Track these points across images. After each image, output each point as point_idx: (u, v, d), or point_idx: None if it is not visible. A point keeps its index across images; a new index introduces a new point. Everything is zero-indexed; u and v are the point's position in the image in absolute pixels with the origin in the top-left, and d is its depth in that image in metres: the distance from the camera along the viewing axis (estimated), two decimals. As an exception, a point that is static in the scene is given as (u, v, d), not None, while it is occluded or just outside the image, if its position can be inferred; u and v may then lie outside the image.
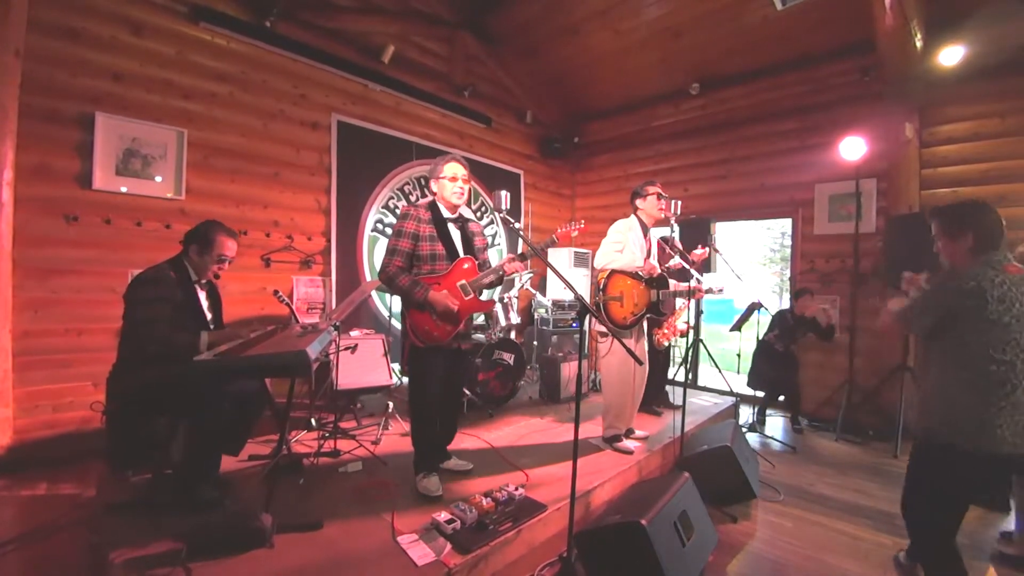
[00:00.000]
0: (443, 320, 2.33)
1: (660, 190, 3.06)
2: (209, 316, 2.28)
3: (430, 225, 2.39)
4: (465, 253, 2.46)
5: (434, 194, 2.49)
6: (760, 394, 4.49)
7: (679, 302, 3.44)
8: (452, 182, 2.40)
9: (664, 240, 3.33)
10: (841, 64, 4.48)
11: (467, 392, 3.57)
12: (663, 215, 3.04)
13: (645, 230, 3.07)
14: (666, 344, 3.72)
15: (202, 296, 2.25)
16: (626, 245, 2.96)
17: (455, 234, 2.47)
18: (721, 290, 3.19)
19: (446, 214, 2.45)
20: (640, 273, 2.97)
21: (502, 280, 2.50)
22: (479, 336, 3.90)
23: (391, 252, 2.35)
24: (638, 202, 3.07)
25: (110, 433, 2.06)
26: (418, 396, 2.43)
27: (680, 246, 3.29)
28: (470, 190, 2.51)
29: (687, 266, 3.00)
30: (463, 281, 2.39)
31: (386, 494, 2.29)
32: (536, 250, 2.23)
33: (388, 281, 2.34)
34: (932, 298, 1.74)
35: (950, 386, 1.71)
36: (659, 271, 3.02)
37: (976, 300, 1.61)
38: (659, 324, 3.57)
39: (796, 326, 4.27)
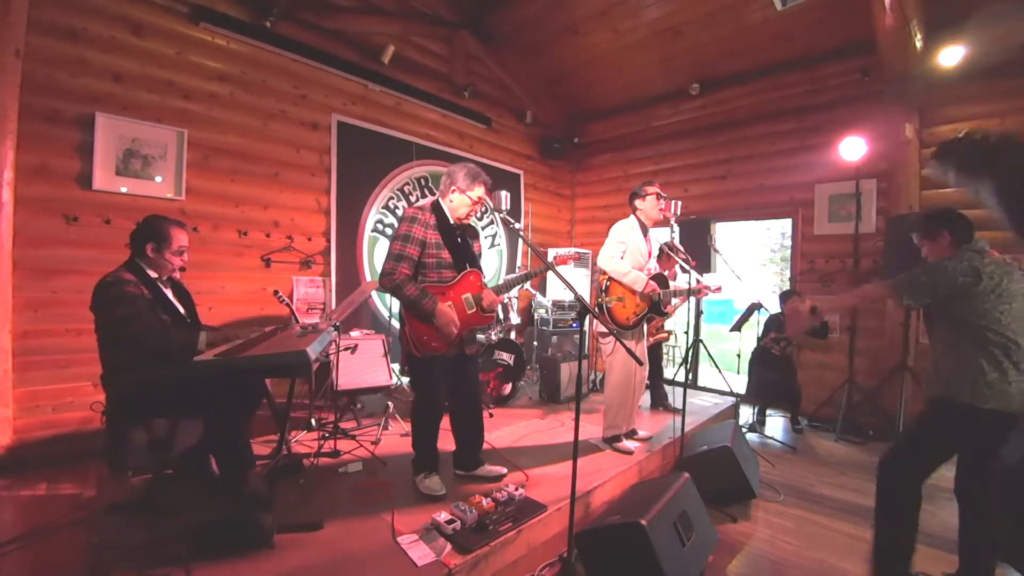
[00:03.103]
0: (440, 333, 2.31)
1: (659, 190, 3.05)
2: (182, 311, 2.22)
3: (435, 231, 2.31)
4: (469, 263, 2.41)
5: (443, 197, 2.40)
6: (760, 401, 4.48)
7: (674, 301, 3.44)
8: (475, 204, 2.36)
9: (668, 246, 3.32)
10: (841, 64, 4.48)
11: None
12: (663, 215, 3.04)
13: (645, 231, 3.07)
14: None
15: (169, 294, 2.19)
16: (628, 245, 2.96)
17: (459, 241, 2.40)
18: (719, 289, 3.19)
19: (451, 220, 2.39)
20: (642, 291, 2.91)
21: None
22: (479, 337, 3.90)
23: (398, 257, 2.22)
24: (637, 202, 3.07)
25: (110, 434, 2.05)
26: (418, 403, 2.42)
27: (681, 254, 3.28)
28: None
29: (688, 269, 3.00)
30: (468, 294, 2.35)
31: (386, 494, 2.29)
32: (537, 252, 2.24)
33: (393, 289, 2.22)
34: (932, 274, 1.91)
35: (959, 351, 1.88)
36: (659, 293, 2.99)
37: (971, 276, 1.82)
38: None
39: None
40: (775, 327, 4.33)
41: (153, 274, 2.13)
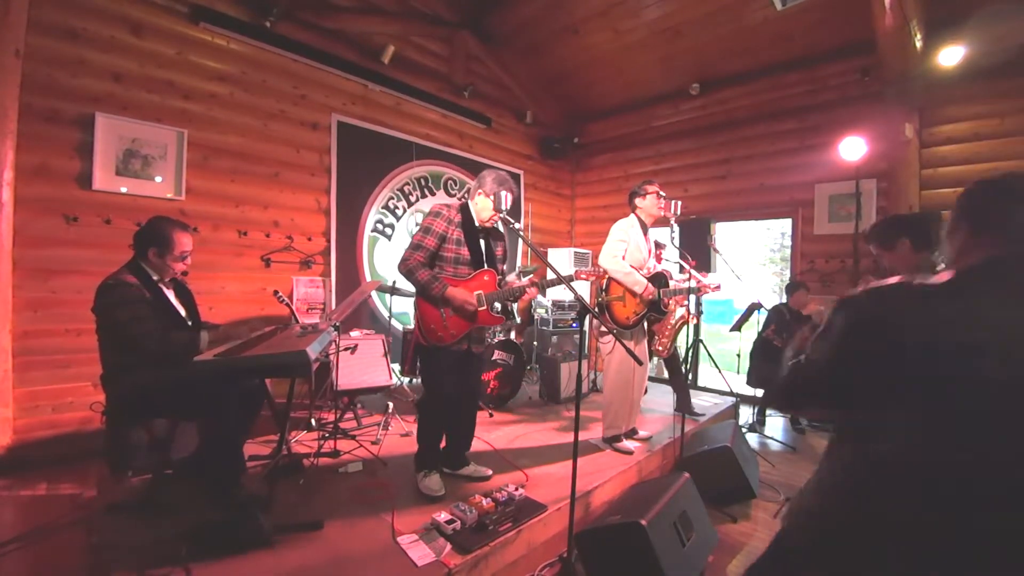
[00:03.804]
0: (459, 317, 2.33)
1: (659, 189, 3.05)
2: (183, 313, 2.22)
3: (459, 229, 2.37)
4: (488, 264, 2.45)
5: (471, 199, 2.45)
6: (760, 392, 4.48)
7: (670, 303, 3.42)
8: (496, 212, 2.38)
9: (655, 243, 3.32)
10: (841, 64, 4.48)
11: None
12: (663, 214, 3.04)
13: (645, 229, 3.07)
14: (662, 349, 3.71)
15: (170, 295, 2.19)
16: (629, 244, 2.96)
17: (481, 242, 2.45)
18: (718, 287, 3.19)
19: (476, 222, 2.43)
20: (641, 294, 2.90)
21: (517, 299, 2.49)
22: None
23: (416, 247, 2.32)
24: (637, 201, 3.07)
25: (110, 434, 2.05)
26: (426, 394, 2.45)
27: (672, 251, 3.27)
28: None
29: (685, 265, 3.00)
30: (480, 292, 2.37)
31: (386, 494, 2.29)
32: (538, 252, 2.24)
33: (407, 273, 2.32)
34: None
35: None
36: (657, 294, 2.98)
37: None
38: (653, 333, 3.56)
39: (793, 322, 4.25)
40: (775, 319, 4.32)
41: (155, 276, 2.13)
